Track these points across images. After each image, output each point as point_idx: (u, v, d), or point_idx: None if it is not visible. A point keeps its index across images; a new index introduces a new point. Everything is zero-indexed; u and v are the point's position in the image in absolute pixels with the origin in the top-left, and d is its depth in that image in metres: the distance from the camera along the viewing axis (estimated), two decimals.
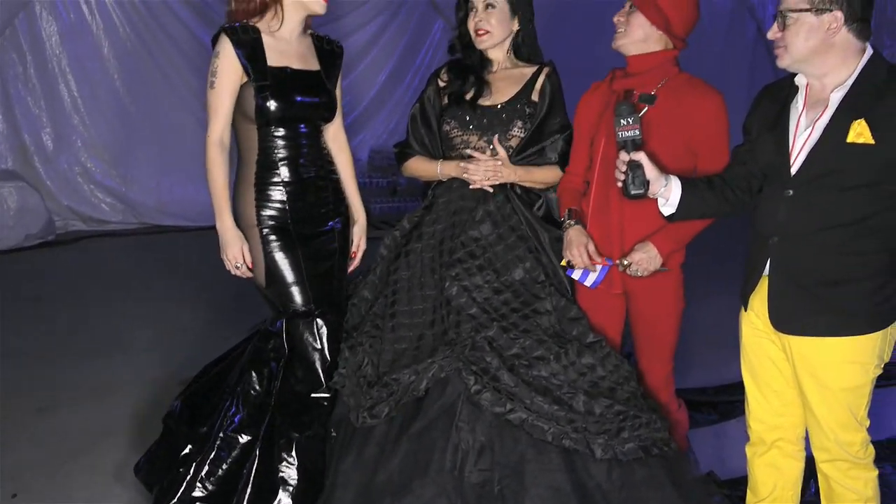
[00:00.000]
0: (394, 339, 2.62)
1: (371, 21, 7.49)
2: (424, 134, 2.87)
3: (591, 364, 2.48)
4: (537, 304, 2.59)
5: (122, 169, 6.92)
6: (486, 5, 2.75)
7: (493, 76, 2.82)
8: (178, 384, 3.37)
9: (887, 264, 2.11)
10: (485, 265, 2.66)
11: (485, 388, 2.40)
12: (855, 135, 2.02)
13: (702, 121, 2.52)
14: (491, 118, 2.76)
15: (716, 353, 3.90)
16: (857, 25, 2.04)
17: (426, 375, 2.47)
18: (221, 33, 2.58)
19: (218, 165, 2.61)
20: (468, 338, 2.50)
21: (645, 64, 2.58)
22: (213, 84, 2.58)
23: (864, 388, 2.19)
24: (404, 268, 2.74)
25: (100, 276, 5.61)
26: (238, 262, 2.65)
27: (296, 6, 2.61)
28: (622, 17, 2.59)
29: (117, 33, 6.71)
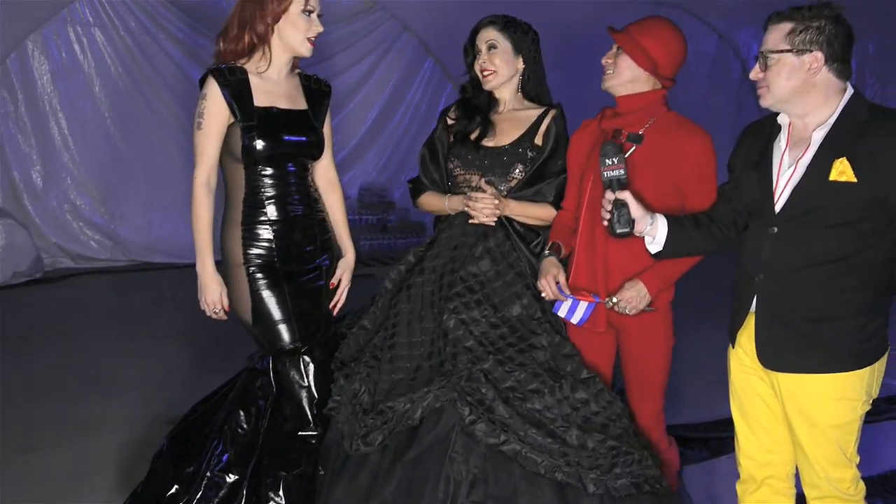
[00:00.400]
0: (391, 369, 2.63)
1: (362, 60, 7.58)
2: (434, 170, 2.91)
3: (584, 399, 2.49)
4: (533, 340, 2.61)
5: (111, 206, 6.93)
6: (489, 46, 2.80)
7: (500, 117, 2.86)
8: (165, 423, 3.35)
9: (871, 302, 2.13)
10: (482, 300, 2.68)
11: (479, 419, 2.40)
12: (837, 173, 2.05)
13: (689, 160, 2.54)
14: (493, 160, 2.80)
15: (706, 389, 3.90)
16: (838, 65, 2.08)
17: (421, 404, 2.48)
18: (209, 75, 2.61)
19: (203, 207, 2.63)
20: (464, 369, 2.51)
21: (634, 104, 2.61)
22: (201, 125, 2.61)
23: (852, 424, 2.19)
24: (405, 301, 2.76)
25: (87, 313, 5.58)
26: (216, 308, 2.67)
27: (283, 48, 2.64)
28: (610, 59, 2.62)
29: (109, 72, 6.77)
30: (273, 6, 2.57)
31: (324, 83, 2.84)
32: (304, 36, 2.62)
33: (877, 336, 2.16)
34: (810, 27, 2.05)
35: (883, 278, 2.13)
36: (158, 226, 7.04)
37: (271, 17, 2.58)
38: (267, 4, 2.57)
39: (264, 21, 2.58)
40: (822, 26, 2.04)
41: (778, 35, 2.09)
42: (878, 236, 2.08)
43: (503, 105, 2.87)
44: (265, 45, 2.63)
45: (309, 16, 2.61)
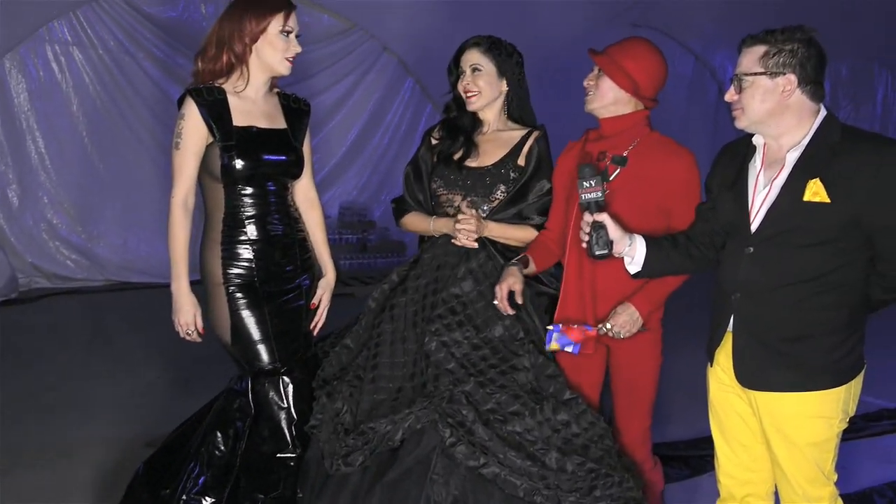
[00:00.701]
0: (373, 389, 2.63)
1: (342, 80, 7.60)
2: (418, 191, 2.92)
3: (565, 421, 2.49)
4: (515, 361, 2.61)
5: (88, 225, 6.87)
6: (473, 69, 2.81)
7: (483, 137, 2.87)
8: (142, 445, 3.31)
9: (847, 320, 2.15)
10: (465, 321, 2.67)
11: (459, 441, 2.40)
12: (811, 193, 2.08)
13: (674, 180, 2.56)
14: (475, 180, 2.81)
15: (687, 406, 3.91)
16: (811, 88, 2.12)
17: (402, 426, 2.47)
18: (187, 95, 2.60)
19: (180, 227, 2.61)
20: (445, 391, 2.50)
21: (617, 126, 2.63)
22: (178, 145, 2.60)
23: (829, 442, 2.21)
24: (388, 321, 2.76)
25: (63, 334, 5.52)
26: (189, 329, 2.65)
27: (261, 67, 2.64)
28: (591, 81, 2.64)
29: (87, 91, 6.73)
30: (251, 26, 2.58)
31: (303, 102, 2.85)
32: (282, 56, 2.62)
33: (853, 354, 2.18)
34: (783, 50, 2.08)
35: (858, 297, 2.16)
36: (136, 245, 6.98)
37: (249, 38, 2.59)
38: (245, 25, 2.58)
39: (242, 41, 2.59)
40: (795, 49, 2.08)
41: (752, 58, 2.12)
42: (853, 255, 2.11)
43: (487, 126, 2.88)
44: (243, 65, 2.63)
45: (287, 36, 2.61)
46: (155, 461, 2.86)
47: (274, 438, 2.64)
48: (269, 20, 2.58)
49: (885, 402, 4.30)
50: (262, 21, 2.58)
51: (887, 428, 4.04)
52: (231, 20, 2.60)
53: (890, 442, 3.91)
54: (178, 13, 6.89)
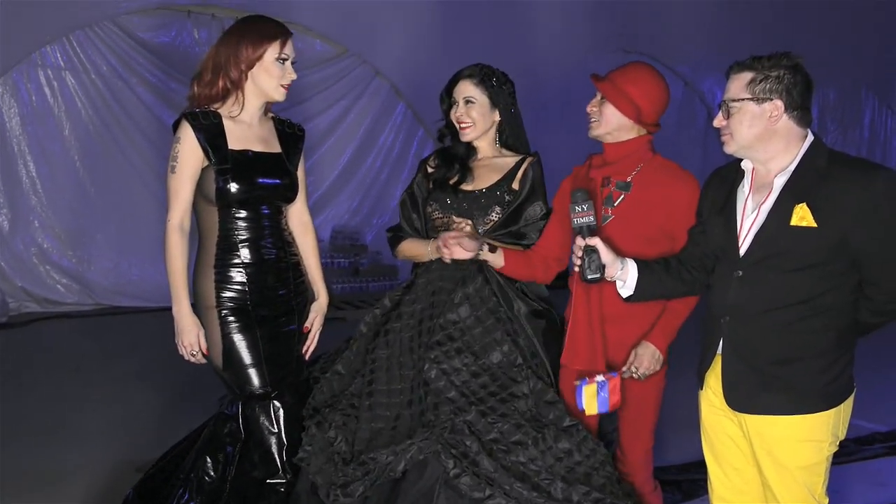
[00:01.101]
0: (370, 417, 2.61)
1: (334, 104, 7.64)
2: (415, 218, 2.93)
3: (567, 449, 2.48)
4: (514, 388, 2.60)
5: (79, 250, 6.85)
6: (466, 101, 2.83)
7: (478, 164, 2.90)
8: (133, 470, 3.28)
9: (835, 343, 2.16)
10: (463, 348, 2.66)
11: (464, 473, 2.38)
12: (798, 218, 2.10)
13: (677, 205, 2.56)
14: (471, 203, 2.83)
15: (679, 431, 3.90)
16: (798, 113, 2.14)
17: (405, 457, 2.45)
18: (182, 119, 2.62)
19: (178, 250, 2.62)
20: (447, 420, 2.49)
21: (621, 152, 2.64)
22: (174, 169, 2.60)
23: (819, 465, 2.21)
24: (383, 347, 2.74)
25: (53, 358, 5.48)
26: (194, 350, 2.64)
27: (256, 93, 2.66)
28: (595, 108, 2.65)
29: (79, 116, 6.74)
30: (247, 53, 2.60)
31: (297, 127, 2.86)
32: (277, 82, 2.64)
33: (843, 377, 2.19)
34: (770, 76, 2.11)
35: (847, 320, 2.17)
36: (127, 269, 6.96)
37: (245, 64, 2.60)
38: (241, 51, 2.59)
39: (238, 67, 2.61)
40: (782, 76, 2.11)
41: (739, 84, 2.15)
42: (841, 279, 2.12)
43: (481, 153, 2.91)
44: (238, 91, 2.64)
45: (283, 63, 2.63)
46: (145, 487, 2.84)
47: (264, 464, 2.63)
48: (266, 47, 2.60)
49: (876, 426, 4.31)
50: (259, 48, 2.60)
51: (879, 451, 4.05)
52: (228, 46, 2.61)
53: (882, 465, 3.90)
54: (171, 38, 6.93)
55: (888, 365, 5.33)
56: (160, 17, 6.84)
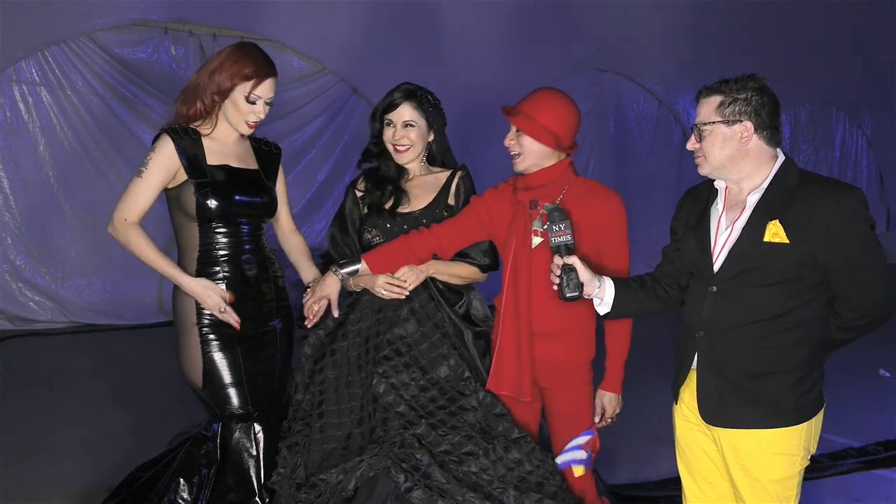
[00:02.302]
0: (322, 439, 2.59)
1: (311, 122, 7.63)
2: (345, 246, 2.89)
3: (518, 459, 2.49)
4: (463, 401, 2.61)
5: (52, 267, 6.77)
6: (406, 124, 2.82)
7: (410, 184, 2.90)
8: (105, 490, 3.23)
9: (807, 358, 2.20)
10: (410, 363, 2.67)
11: (416, 486, 2.38)
12: (771, 234, 2.14)
13: (606, 222, 2.62)
14: (411, 224, 2.82)
15: (655, 446, 3.93)
16: (768, 133, 2.19)
17: (354, 474, 2.44)
18: (164, 133, 2.62)
19: (142, 239, 2.57)
20: (396, 435, 2.49)
21: (545, 178, 2.67)
22: (142, 174, 2.60)
23: (792, 479, 2.24)
24: (330, 367, 2.72)
25: (25, 377, 5.40)
26: (222, 307, 2.59)
27: (224, 120, 2.68)
28: (512, 141, 2.67)
29: (54, 131, 6.68)
30: (219, 81, 2.61)
31: (273, 146, 2.88)
32: (242, 119, 2.65)
33: (813, 391, 2.23)
34: (738, 99, 2.16)
35: (819, 335, 2.21)
36: (101, 287, 6.88)
37: (218, 94, 2.62)
38: (215, 80, 2.61)
39: (211, 93, 2.62)
40: (749, 97, 2.16)
41: (709, 108, 2.20)
42: (812, 294, 2.17)
43: (411, 173, 2.91)
44: (213, 115, 2.66)
45: (253, 103, 2.63)
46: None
47: (240, 488, 2.59)
48: (237, 84, 2.62)
49: (849, 441, 4.35)
50: (229, 82, 2.61)
51: (853, 467, 4.08)
52: (208, 70, 2.64)
53: (856, 480, 3.94)
54: (148, 55, 6.89)
55: (860, 380, 5.40)
56: (137, 33, 6.81)
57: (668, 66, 9.20)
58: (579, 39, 8.67)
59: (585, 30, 8.71)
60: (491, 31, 8.13)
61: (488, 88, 8.09)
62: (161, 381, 2.69)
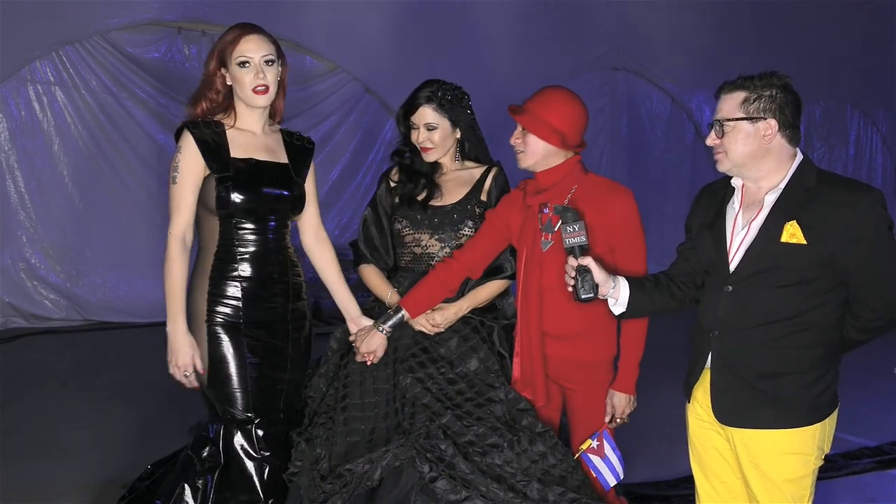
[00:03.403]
0: (346, 432, 2.59)
1: (324, 120, 7.65)
2: (375, 235, 2.91)
3: (542, 452, 2.49)
4: (491, 394, 2.61)
5: (67, 265, 6.82)
6: (428, 127, 2.81)
7: (443, 178, 2.90)
8: (119, 487, 3.25)
9: (822, 358, 2.19)
10: (438, 358, 2.68)
11: (440, 476, 2.38)
12: (788, 235, 2.13)
13: (618, 220, 2.61)
14: (442, 218, 2.83)
15: (669, 446, 3.91)
16: (789, 132, 2.17)
17: (380, 464, 2.44)
18: (184, 128, 2.58)
19: (177, 263, 2.54)
20: (422, 426, 2.49)
21: (553, 178, 2.65)
22: (176, 179, 2.55)
23: (806, 479, 2.23)
24: (355, 360, 2.73)
25: (40, 375, 5.44)
26: (187, 371, 2.54)
27: (242, 105, 2.61)
28: (518, 139, 2.65)
29: (69, 131, 6.73)
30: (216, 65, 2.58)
31: (306, 140, 2.80)
32: (248, 89, 2.56)
33: (828, 392, 2.21)
34: (763, 96, 2.14)
35: (834, 336, 2.20)
36: (115, 285, 6.92)
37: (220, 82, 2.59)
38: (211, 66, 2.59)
39: (214, 87, 2.59)
40: (774, 95, 2.14)
41: (732, 104, 2.17)
42: (829, 295, 2.15)
43: (445, 168, 2.90)
44: (231, 110, 2.62)
45: (245, 66, 2.54)
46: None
47: (244, 490, 2.55)
48: (227, 57, 2.56)
49: (864, 441, 4.32)
50: (220, 57, 2.57)
51: (867, 466, 4.06)
52: (206, 67, 2.61)
53: (870, 480, 3.91)
54: (161, 54, 6.93)
55: (875, 381, 5.36)
56: (150, 32, 6.85)
57: (681, 65, 9.17)
58: (592, 38, 8.65)
59: (598, 28, 8.69)
60: (503, 28, 8.13)
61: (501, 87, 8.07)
62: (174, 380, 2.68)
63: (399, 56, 7.46)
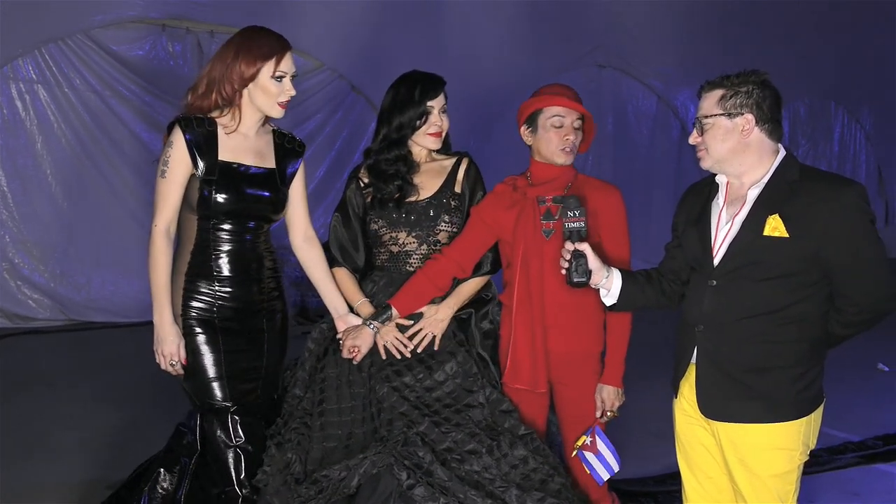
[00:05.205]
0: (322, 437, 2.58)
1: (309, 119, 7.62)
2: (344, 236, 2.89)
3: (523, 456, 2.49)
4: (469, 398, 2.61)
5: (51, 264, 6.77)
6: (443, 110, 2.81)
7: (416, 173, 2.85)
8: (105, 488, 3.23)
9: (807, 352, 2.20)
10: (414, 364, 2.67)
11: (418, 483, 2.37)
12: (770, 228, 2.15)
13: (608, 213, 2.69)
14: (418, 214, 2.81)
15: (654, 443, 3.93)
16: (769, 126, 2.20)
17: (357, 471, 2.42)
18: (175, 124, 2.57)
19: (162, 256, 2.55)
20: (400, 434, 2.48)
21: (552, 173, 2.73)
22: (164, 174, 2.55)
23: (791, 474, 2.24)
24: (332, 365, 2.72)
25: (24, 375, 5.39)
26: (173, 360, 2.57)
27: (253, 108, 2.61)
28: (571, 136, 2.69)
29: (52, 129, 6.67)
30: (241, 70, 2.54)
31: (298, 143, 2.79)
32: (274, 101, 2.58)
33: (813, 387, 2.23)
34: (739, 92, 2.18)
35: (818, 330, 2.21)
36: (100, 285, 6.88)
37: (238, 83, 2.55)
38: (235, 69, 2.54)
39: (232, 85, 2.56)
40: (751, 90, 2.18)
41: (711, 101, 2.21)
42: (812, 289, 2.17)
43: (419, 159, 2.87)
44: (234, 107, 2.59)
45: (280, 81, 2.57)
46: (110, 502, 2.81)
47: (220, 478, 2.56)
48: (261, 67, 2.54)
49: (848, 436, 4.36)
50: (253, 67, 2.54)
51: (851, 461, 4.09)
52: (223, 62, 2.56)
53: (854, 475, 3.94)
54: (146, 52, 6.88)
55: (860, 376, 5.40)
56: (134, 30, 6.80)
57: (667, 62, 9.20)
58: (578, 35, 8.66)
59: (584, 25, 8.71)
60: (489, 26, 8.12)
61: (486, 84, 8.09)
62: (160, 379, 2.67)
63: (385, 54, 7.44)
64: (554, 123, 2.68)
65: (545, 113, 2.68)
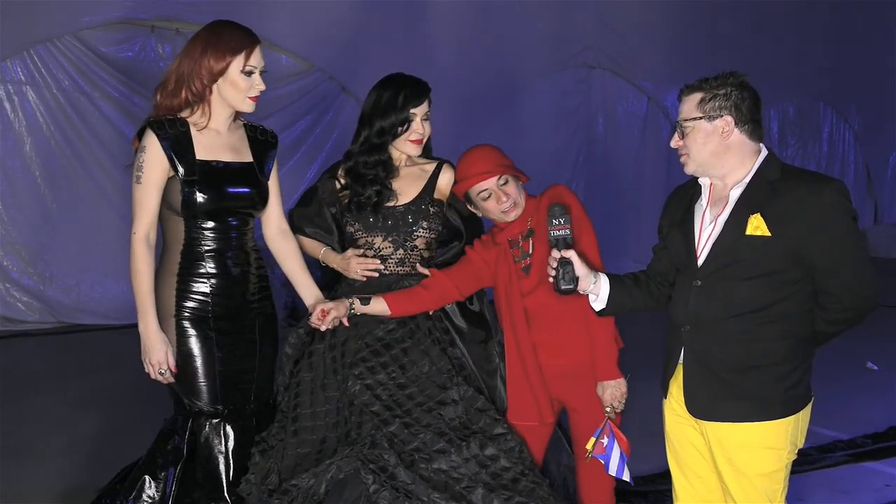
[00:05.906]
0: (296, 443, 2.56)
1: (299, 120, 7.61)
2: (314, 214, 2.90)
3: (494, 455, 2.48)
4: (442, 396, 2.60)
5: (40, 267, 6.74)
6: (426, 118, 2.80)
7: (395, 178, 2.84)
8: (93, 492, 3.21)
9: (793, 351, 2.21)
10: (389, 362, 2.65)
11: (383, 487, 2.35)
12: (753, 228, 2.16)
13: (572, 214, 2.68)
14: (395, 220, 2.80)
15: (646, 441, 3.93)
16: (749, 127, 2.22)
17: (325, 477, 2.41)
18: (147, 127, 2.54)
19: (144, 263, 2.53)
20: (368, 436, 2.47)
21: (508, 224, 2.76)
22: (140, 179, 2.53)
23: (779, 473, 2.25)
24: (306, 369, 2.70)
25: (13, 377, 5.37)
26: (162, 368, 2.53)
27: (223, 104, 2.59)
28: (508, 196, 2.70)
29: (41, 131, 6.65)
30: (210, 65, 2.51)
31: (270, 134, 2.78)
32: (244, 95, 2.56)
33: (800, 385, 2.23)
34: (718, 94, 2.20)
35: (804, 328, 2.23)
36: (89, 287, 6.85)
37: (208, 78, 2.53)
38: (204, 64, 2.51)
39: (201, 80, 2.53)
40: (729, 93, 2.20)
41: (690, 105, 2.23)
42: (795, 287, 2.18)
43: (399, 163, 2.86)
44: (204, 103, 2.57)
45: (249, 76, 2.55)
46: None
47: (208, 485, 2.54)
48: (230, 61, 2.52)
49: (837, 434, 4.38)
50: (222, 61, 2.52)
51: (841, 459, 4.10)
52: (191, 57, 2.53)
53: (844, 473, 3.96)
54: (135, 53, 6.86)
55: (849, 374, 5.42)
56: (123, 31, 6.78)
57: (657, 63, 9.22)
58: (568, 36, 8.68)
59: (574, 26, 8.72)
60: (479, 27, 8.13)
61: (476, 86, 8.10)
62: (150, 382, 2.66)
63: (375, 55, 7.44)
64: (483, 197, 2.71)
65: (472, 191, 2.72)
